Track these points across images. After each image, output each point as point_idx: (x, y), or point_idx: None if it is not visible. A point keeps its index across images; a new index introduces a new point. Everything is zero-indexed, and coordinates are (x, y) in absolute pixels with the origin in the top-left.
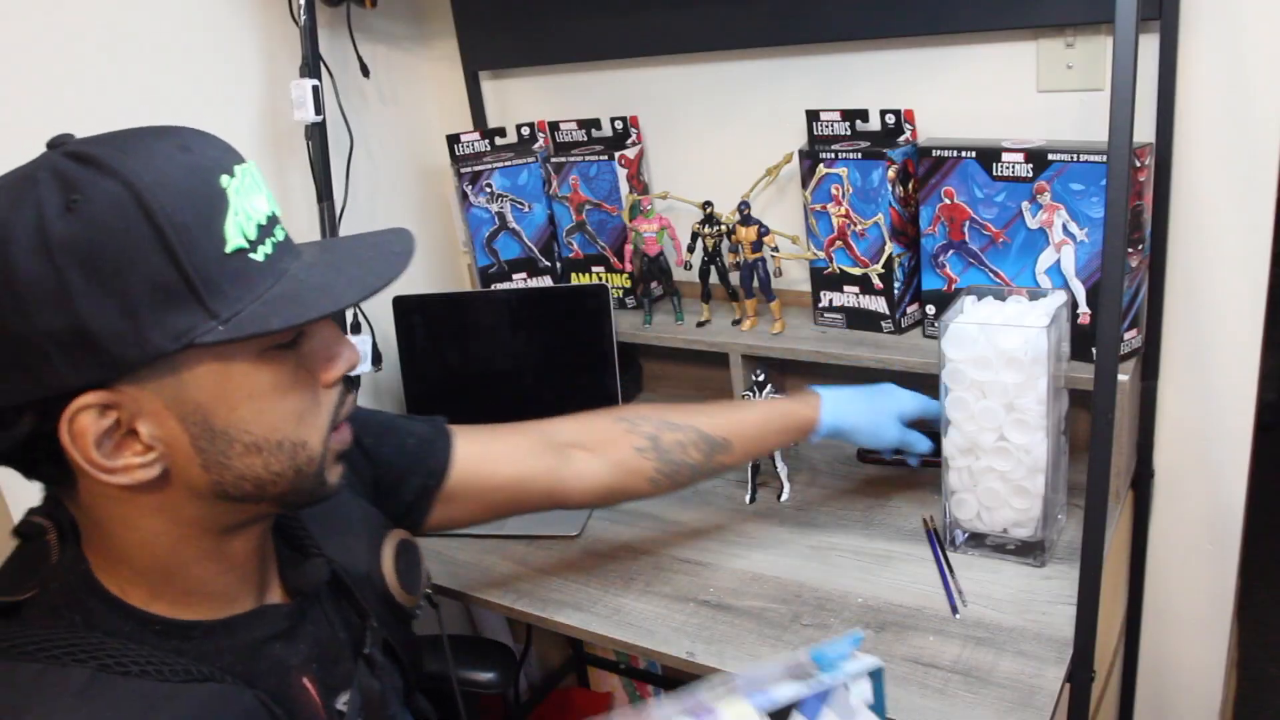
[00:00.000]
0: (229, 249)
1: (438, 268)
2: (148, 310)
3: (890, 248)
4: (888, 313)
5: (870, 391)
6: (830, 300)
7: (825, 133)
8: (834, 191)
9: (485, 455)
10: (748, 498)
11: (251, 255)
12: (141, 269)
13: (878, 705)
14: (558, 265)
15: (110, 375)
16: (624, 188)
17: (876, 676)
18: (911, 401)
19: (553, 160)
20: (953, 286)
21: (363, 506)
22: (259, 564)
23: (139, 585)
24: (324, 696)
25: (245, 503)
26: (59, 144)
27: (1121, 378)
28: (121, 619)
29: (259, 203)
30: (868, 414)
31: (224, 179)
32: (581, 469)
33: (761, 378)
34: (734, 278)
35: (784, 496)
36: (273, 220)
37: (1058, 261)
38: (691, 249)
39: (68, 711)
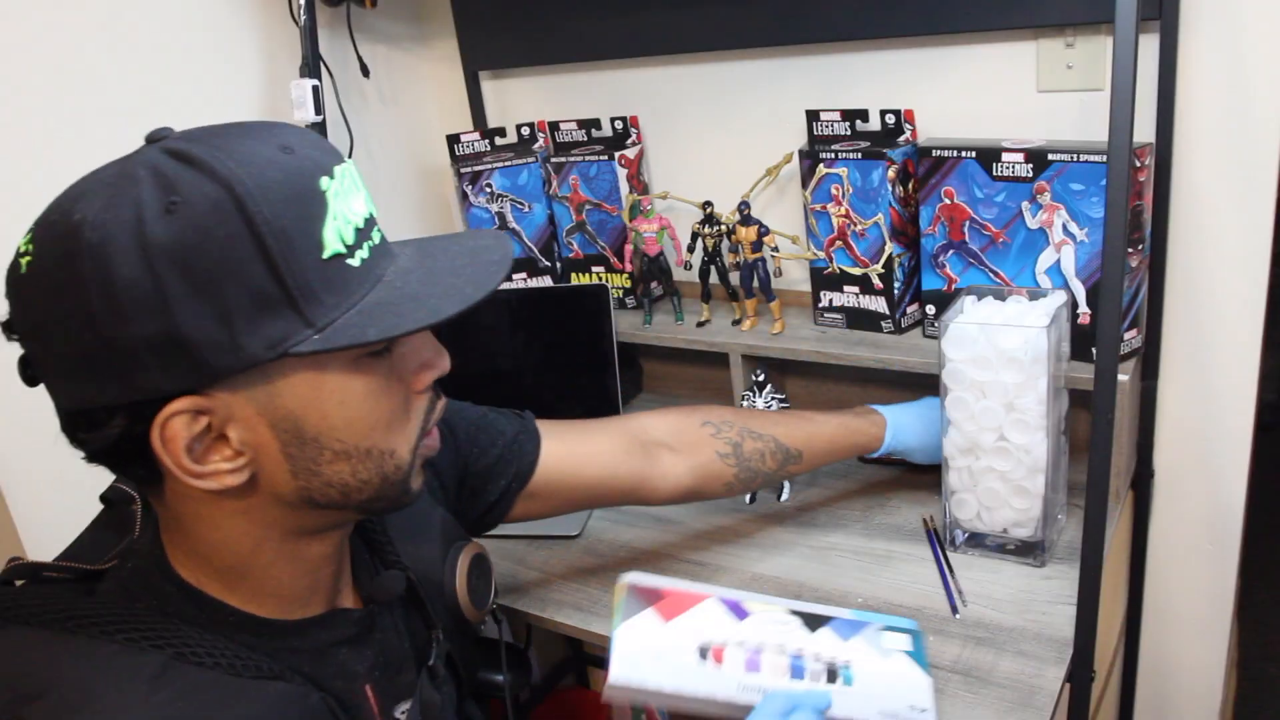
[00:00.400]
0: (326, 254)
1: None
2: (244, 318)
3: (890, 248)
4: (888, 313)
5: (927, 409)
6: (830, 300)
7: (825, 133)
8: (834, 191)
9: (572, 454)
10: (748, 498)
11: (349, 260)
12: (240, 276)
13: (917, 655)
14: (558, 265)
15: (204, 382)
16: (624, 188)
17: (916, 636)
18: None
19: (553, 160)
20: (953, 286)
21: (442, 515)
22: (335, 568)
23: (214, 579)
24: (383, 705)
25: (329, 509)
26: (158, 139)
27: (1121, 378)
28: (197, 608)
29: (357, 205)
30: (924, 434)
31: (324, 181)
32: (667, 470)
33: (761, 378)
34: (734, 278)
35: (784, 496)
36: (370, 222)
37: (1058, 261)
38: (691, 249)
39: (140, 696)
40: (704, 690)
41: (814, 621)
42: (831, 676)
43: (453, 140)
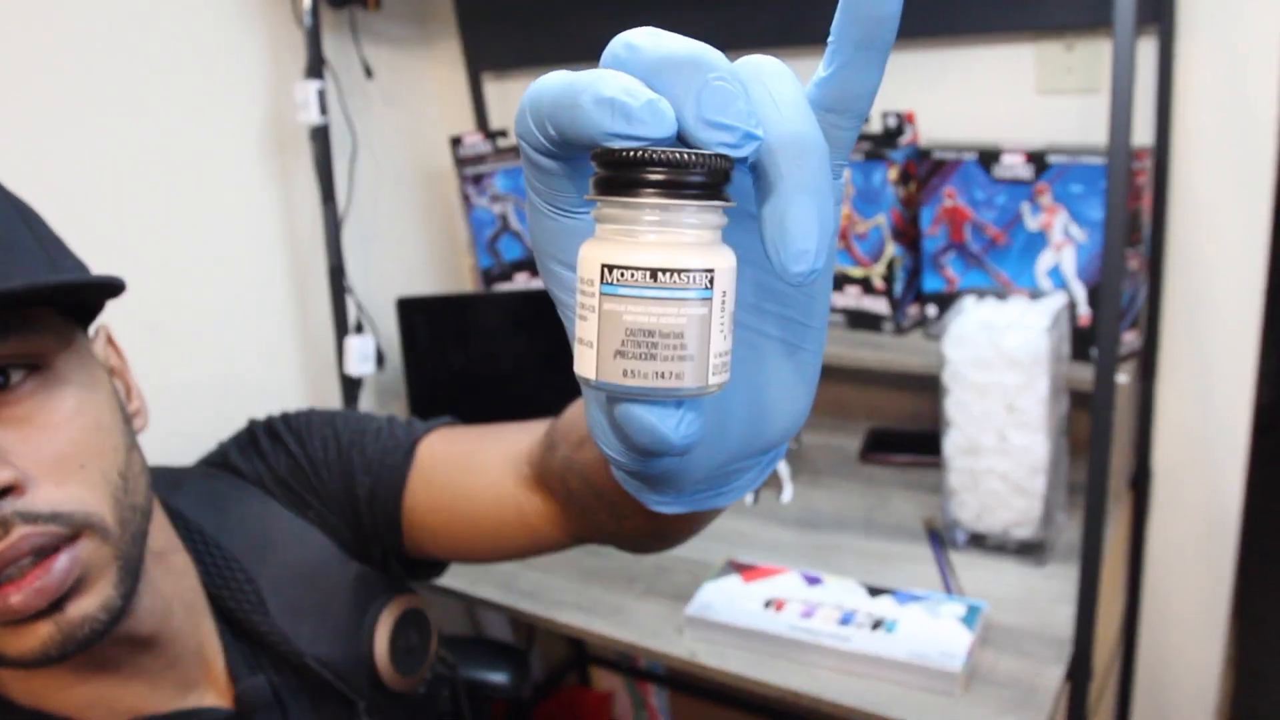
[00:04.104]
0: None
1: (440, 269)
2: None
3: (891, 249)
4: (889, 314)
5: None
6: (832, 301)
7: None
8: None
9: (458, 454)
10: (750, 498)
11: None
12: None
13: (968, 621)
14: None
15: None
16: None
17: (976, 610)
18: None
19: None
20: (954, 288)
21: (355, 571)
22: (169, 669)
23: (31, 686)
24: None
25: None
26: None
27: (1120, 379)
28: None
29: None
30: None
31: None
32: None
33: None
34: None
35: (785, 497)
36: None
37: (1058, 263)
38: None
39: None
40: (759, 627)
41: (878, 591)
42: (875, 626)
43: (455, 142)
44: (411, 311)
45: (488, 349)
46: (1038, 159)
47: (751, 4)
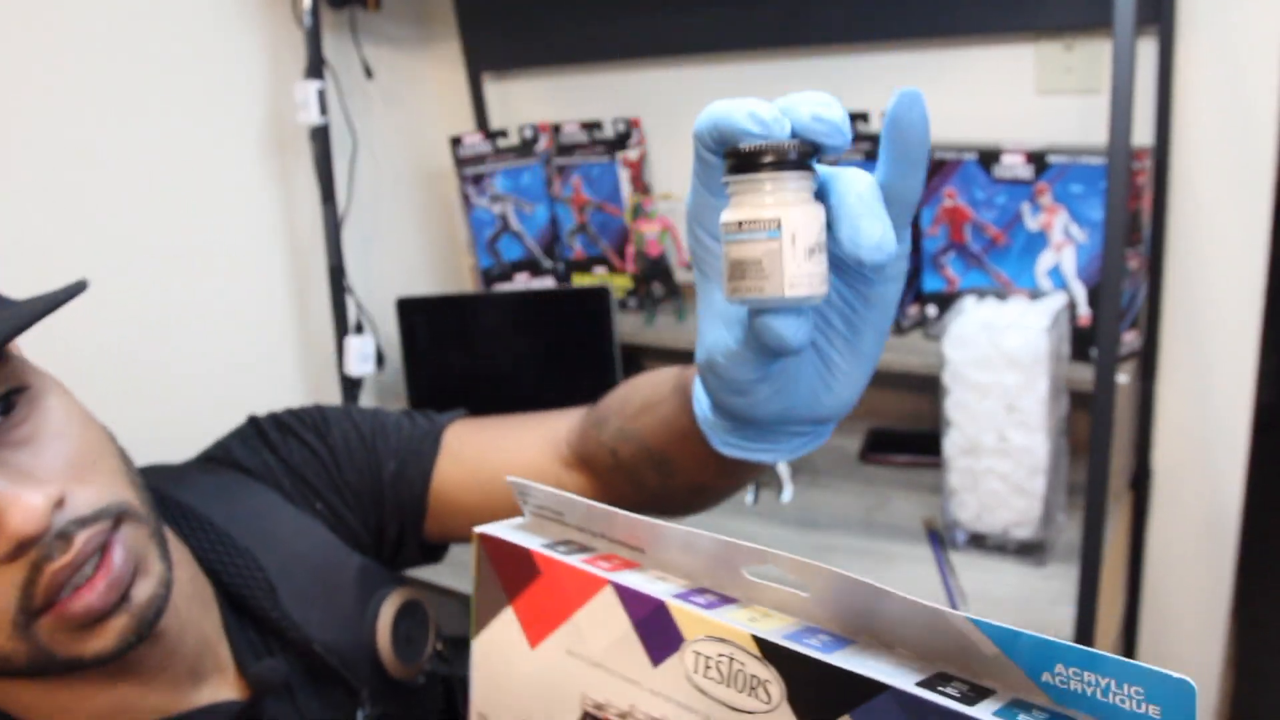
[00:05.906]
0: None
1: (440, 269)
2: None
3: None
4: None
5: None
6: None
7: None
8: None
9: (487, 445)
10: (749, 498)
11: None
12: None
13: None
14: (560, 266)
15: None
16: (626, 189)
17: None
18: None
19: (555, 162)
20: (954, 288)
21: (358, 563)
22: (183, 663)
23: (57, 700)
24: None
25: None
26: None
27: (1120, 379)
28: None
29: None
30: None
31: None
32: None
33: None
34: None
35: (785, 497)
36: None
37: (1058, 263)
38: None
39: None
40: None
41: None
42: None
43: (455, 142)
44: (411, 311)
45: (487, 349)
46: (1038, 159)
47: (753, 6)
